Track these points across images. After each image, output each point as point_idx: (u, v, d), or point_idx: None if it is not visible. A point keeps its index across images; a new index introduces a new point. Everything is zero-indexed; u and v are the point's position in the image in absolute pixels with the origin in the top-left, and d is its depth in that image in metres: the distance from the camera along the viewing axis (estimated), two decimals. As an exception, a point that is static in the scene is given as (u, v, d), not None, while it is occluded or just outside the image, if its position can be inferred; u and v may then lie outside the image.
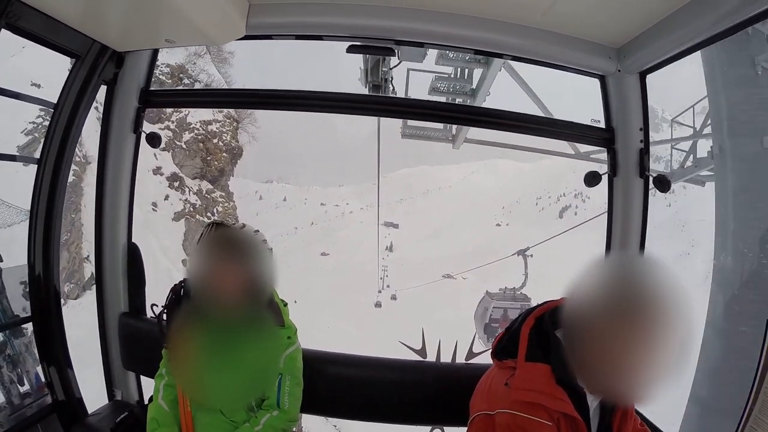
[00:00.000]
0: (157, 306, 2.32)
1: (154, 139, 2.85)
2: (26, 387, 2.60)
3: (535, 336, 1.61)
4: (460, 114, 2.65)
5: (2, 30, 1.91)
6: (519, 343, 1.63)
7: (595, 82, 2.57)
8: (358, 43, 2.53)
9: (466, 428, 1.78)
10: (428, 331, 2.76)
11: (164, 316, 2.22)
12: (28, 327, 2.61)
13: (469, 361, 2.55)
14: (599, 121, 2.60)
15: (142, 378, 2.94)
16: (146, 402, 2.38)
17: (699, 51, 2.11)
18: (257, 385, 2.13)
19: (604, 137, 2.57)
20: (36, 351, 2.63)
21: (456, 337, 3.05)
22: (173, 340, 2.12)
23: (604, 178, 2.58)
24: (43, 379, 2.63)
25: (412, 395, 2.45)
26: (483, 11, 2.31)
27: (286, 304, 2.27)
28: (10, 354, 2.62)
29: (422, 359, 2.57)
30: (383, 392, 2.47)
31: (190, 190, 24.73)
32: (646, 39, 2.20)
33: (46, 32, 2.15)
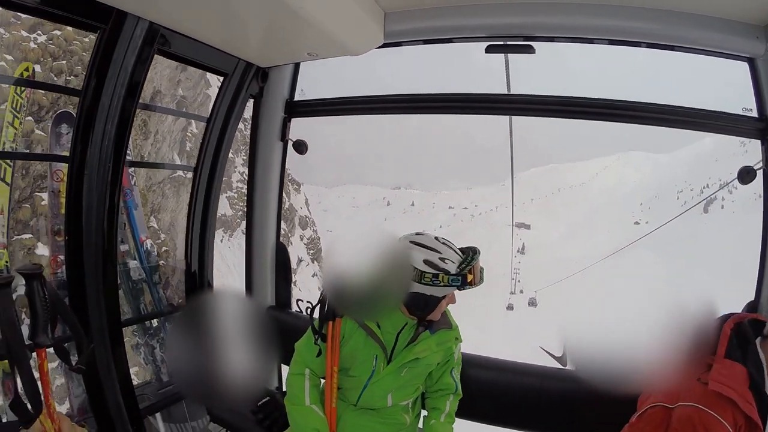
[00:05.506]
0: (302, 301, 2.52)
1: (300, 146, 3.04)
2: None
3: (735, 337, 1.66)
4: (595, 109, 2.45)
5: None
6: (719, 340, 1.67)
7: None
8: (498, 43, 2.45)
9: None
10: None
11: (314, 313, 2.23)
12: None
13: None
14: (751, 110, 2.25)
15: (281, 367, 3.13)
16: (284, 389, 2.57)
17: None
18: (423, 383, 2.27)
19: (758, 128, 2.19)
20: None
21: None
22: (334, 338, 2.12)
23: (759, 174, 2.20)
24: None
25: (551, 403, 2.31)
26: (617, -2, 2.14)
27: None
28: (163, 337, 3.11)
29: (562, 367, 2.43)
30: (521, 398, 2.37)
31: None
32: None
33: (194, 55, 2.41)
